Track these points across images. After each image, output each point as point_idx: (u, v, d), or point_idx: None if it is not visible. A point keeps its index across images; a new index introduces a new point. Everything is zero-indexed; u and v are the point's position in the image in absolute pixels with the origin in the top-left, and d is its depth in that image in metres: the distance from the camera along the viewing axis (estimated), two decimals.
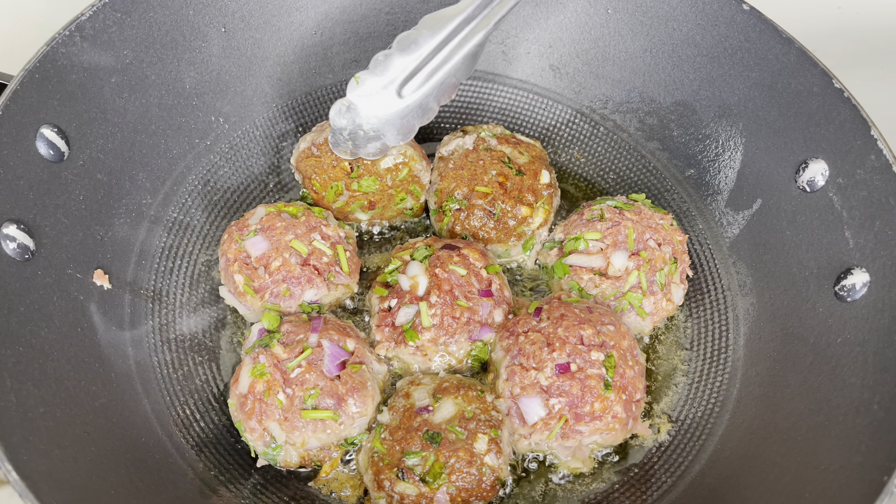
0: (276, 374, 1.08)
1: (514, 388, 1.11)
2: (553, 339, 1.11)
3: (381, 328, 1.19)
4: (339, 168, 1.31)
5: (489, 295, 1.20)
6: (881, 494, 0.90)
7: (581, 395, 1.08)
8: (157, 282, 1.27)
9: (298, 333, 1.13)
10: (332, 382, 1.08)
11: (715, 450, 1.15)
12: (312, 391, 1.07)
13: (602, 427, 1.10)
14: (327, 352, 1.10)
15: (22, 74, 1.10)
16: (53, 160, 1.13)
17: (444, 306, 1.17)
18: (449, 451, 1.03)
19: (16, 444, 0.89)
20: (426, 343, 1.16)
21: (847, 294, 1.11)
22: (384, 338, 1.19)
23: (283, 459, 1.09)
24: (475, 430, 1.06)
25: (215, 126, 1.40)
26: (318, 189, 1.32)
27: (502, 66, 1.54)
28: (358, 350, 1.14)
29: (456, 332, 1.17)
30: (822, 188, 1.18)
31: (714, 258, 1.34)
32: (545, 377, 1.09)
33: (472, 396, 1.10)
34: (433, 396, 1.10)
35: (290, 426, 1.06)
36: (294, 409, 1.06)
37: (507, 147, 1.35)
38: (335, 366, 1.10)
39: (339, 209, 1.34)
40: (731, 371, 1.22)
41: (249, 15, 1.40)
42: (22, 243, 1.05)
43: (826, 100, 1.18)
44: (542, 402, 1.09)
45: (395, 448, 1.05)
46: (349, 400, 1.08)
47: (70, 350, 1.07)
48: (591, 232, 1.25)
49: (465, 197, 1.30)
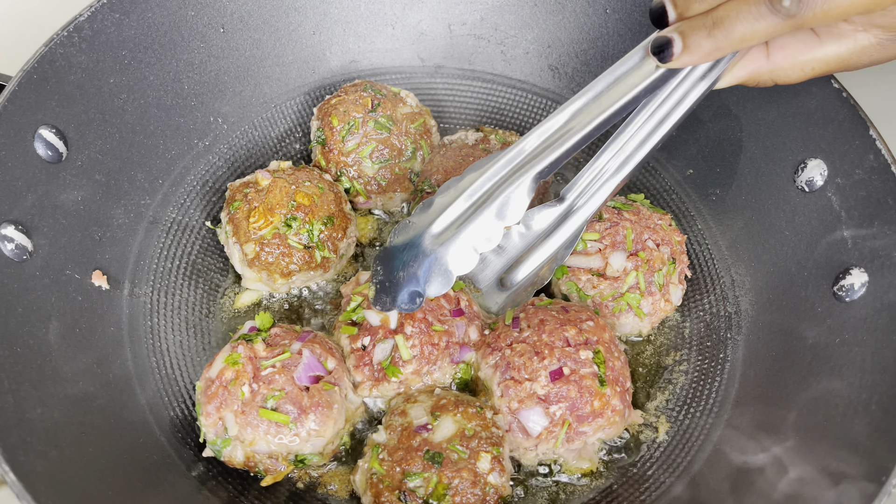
0: (249, 366, 1.07)
1: (512, 403, 1.10)
2: (540, 347, 1.11)
3: (359, 369, 1.15)
4: (361, 104, 1.35)
5: (461, 314, 1.18)
6: (879, 495, 0.90)
7: (580, 397, 1.08)
8: (156, 282, 1.26)
9: (285, 338, 1.13)
10: (300, 391, 1.07)
11: (713, 450, 1.14)
12: (277, 393, 1.05)
13: (604, 423, 1.10)
14: (305, 361, 1.09)
15: (20, 75, 1.10)
16: (52, 161, 1.13)
17: (420, 335, 1.14)
18: (452, 472, 1.01)
19: (13, 444, 0.89)
20: (409, 376, 1.14)
21: (845, 294, 1.11)
22: (364, 378, 1.15)
23: (228, 454, 1.07)
24: (477, 449, 1.04)
25: (214, 126, 1.40)
26: (336, 124, 1.34)
27: (501, 65, 1.54)
28: (336, 372, 1.12)
29: (438, 358, 1.15)
30: (820, 188, 1.18)
31: (713, 258, 1.33)
32: (541, 386, 1.09)
33: (471, 413, 1.08)
34: (431, 414, 1.07)
35: (244, 420, 1.04)
36: (254, 404, 1.05)
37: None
38: (308, 377, 1.08)
39: (351, 151, 1.34)
40: (730, 371, 1.22)
41: (248, 15, 1.40)
42: (20, 244, 1.05)
43: (825, 99, 1.18)
44: (542, 411, 1.09)
45: (395, 469, 1.02)
46: (310, 415, 1.06)
47: (68, 351, 1.07)
48: (589, 232, 1.25)
49: (437, 183, 1.32)
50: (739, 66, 1.05)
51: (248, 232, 1.23)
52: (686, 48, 0.96)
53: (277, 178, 1.28)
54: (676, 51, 0.97)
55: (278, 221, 1.23)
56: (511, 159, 1.10)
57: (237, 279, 1.32)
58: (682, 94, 1.10)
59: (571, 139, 1.08)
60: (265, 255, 1.23)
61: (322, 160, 1.37)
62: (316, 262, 1.26)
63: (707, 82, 1.07)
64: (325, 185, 1.30)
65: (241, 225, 1.24)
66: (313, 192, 1.27)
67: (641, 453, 1.17)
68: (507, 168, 1.11)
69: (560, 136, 1.08)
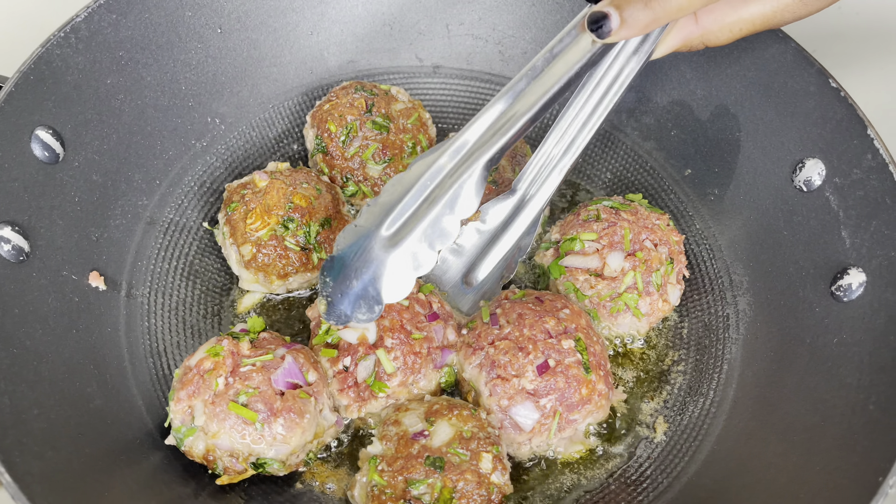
0: (229, 360, 1.07)
1: (502, 401, 1.10)
2: (523, 342, 1.11)
3: (344, 392, 1.13)
4: (356, 107, 1.35)
5: (436, 317, 1.18)
6: (877, 495, 0.90)
7: (568, 387, 1.09)
8: (153, 284, 1.26)
9: (271, 343, 1.12)
10: (274, 394, 1.06)
11: (711, 450, 1.14)
12: (251, 390, 1.05)
13: (593, 408, 1.12)
14: (285, 366, 1.08)
15: (17, 76, 1.10)
16: (49, 162, 1.13)
17: (402, 345, 1.13)
18: (456, 475, 1.00)
19: (9, 446, 0.89)
20: (396, 388, 1.13)
21: (843, 294, 1.10)
22: (351, 400, 1.14)
23: (190, 444, 1.06)
24: (478, 450, 1.03)
25: (211, 127, 1.40)
26: (334, 130, 1.33)
27: (499, 65, 1.54)
28: (317, 385, 1.11)
29: (421, 366, 1.14)
30: (818, 188, 1.18)
31: (711, 258, 1.33)
32: (529, 381, 1.09)
33: (465, 416, 1.08)
34: (426, 420, 1.06)
35: (213, 411, 1.04)
36: (226, 396, 1.04)
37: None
38: (285, 382, 1.08)
39: (354, 155, 1.34)
40: (728, 371, 1.22)
41: (245, 16, 1.40)
42: (17, 245, 1.05)
43: (822, 99, 1.18)
44: (532, 405, 1.09)
45: (396, 479, 1.01)
46: (280, 419, 1.04)
47: (65, 352, 1.07)
48: (587, 232, 1.25)
49: None
50: (672, 35, 1.07)
51: (245, 233, 1.23)
52: (623, 22, 0.94)
53: (275, 179, 1.27)
54: (614, 25, 0.95)
55: (275, 223, 1.23)
56: (458, 149, 1.05)
57: (235, 280, 1.32)
58: (617, 69, 1.11)
59: (517, 123, 1.04)
60: (262, 257, 1.23)
61: (325, 167, 1.36)
62: (313, 264, 1.26)
63: (642, 55, 1.08)
64: (322, 186, 1.30)
65: (239, 226, 1.24)
66: (310, 193, 1.27)
67: (639, 454, 1.17)
68: (455, 159, 1.05)
69: (506, 122, 1.04)
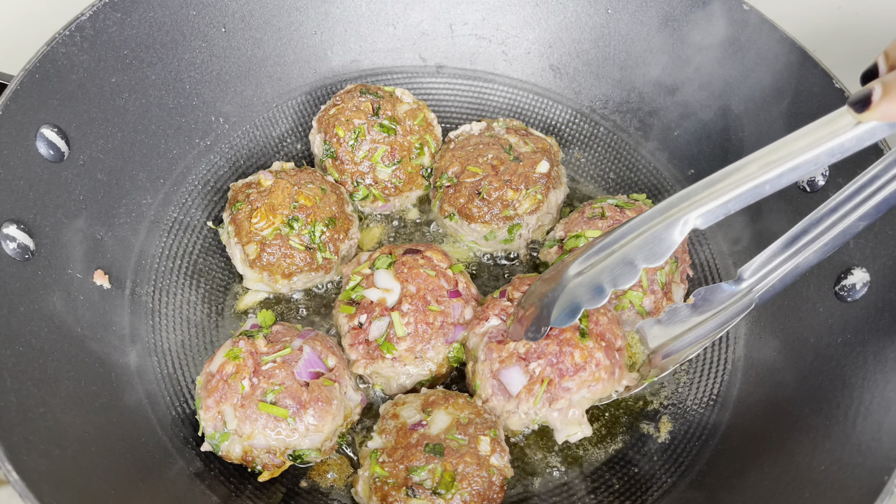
0: (249, 361, 1.08)
1: (493, 365, 1.10)
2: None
3: (354, 347, 1.16)
4: (362, 110, 1.34)
5: (458, 295, 1.19)
6: (881, 494, 0.90)
7: (559, 351, 1.07)
8: (158, 282, 1.26)
9: (286, 335, 1.13)
10: (299, 387, 1.07)
11: (715, 450, 1.15)
12: (277, 387, 1.06)
13: (588, 378, 1.08)
14: (305, 357, 1.09)
15: (22, 74, 1.10)
16: (53, 160, 1.13)
17: (416, 313, 1.15)
18: (456, 459, 1.02)
19: (16, 444, 0.89)
20: (403, 353, 1.15)
21: (847, 294, 1.11)
22: (359, 356, 1.16)
23: (226, 448, 1.07)
24: (475, 434, 1.05)
25: (215, 126, 1.40)
26: (342, 135, 1.33)
27: (503, 65, 1.54)
28: (337, 369, 1.12)
29: (432, 337, 1.16)
30: (822, 188, 1.18)
31: (714, 258, 1.33)
32: (522, 345, 1.08)
33: (461, 404, 1.09)
34: (423, 411, 1.08)
35: (243, 414, 1.05)
36: (253, 398, 1.05)
37: (514, 136, 1.36)
38: (308, 373, 1.09)
39: (364, 159, 1.34)
40: (732, 371, 1.22)
41: (249, 15, 1.40)
42: (22, 243, 1.05)
43: (826, 100, 1.18)
44: (521, 369, 1.08)
45: (398, 468, 1.02)
46: (309, 409, 1.06)
47: (70, 350, 1.07)
48: (591, 230, 1.25)
49: (455, 175, 1.32)
50: None
51: (250, 232, 1.23)
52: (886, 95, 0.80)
53: (280, 178, 1.28)
54: (875, 98, 0.81)
55: (280, 222, 1.23)
56: (671, 203, 0.97)
57: (239, 279, 1.32)
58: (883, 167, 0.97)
59: (740, 186, 0.93)
60: (266, 256, 1.23)
61: (335, 173, 1.36)
62: (317, 264, 1.26)
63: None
64: (327, 186, 1.30)
65: (243, 225, 1.24)
66: (315, 193, 1.27)
67: (643, 453, 1.17)
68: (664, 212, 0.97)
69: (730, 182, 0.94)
